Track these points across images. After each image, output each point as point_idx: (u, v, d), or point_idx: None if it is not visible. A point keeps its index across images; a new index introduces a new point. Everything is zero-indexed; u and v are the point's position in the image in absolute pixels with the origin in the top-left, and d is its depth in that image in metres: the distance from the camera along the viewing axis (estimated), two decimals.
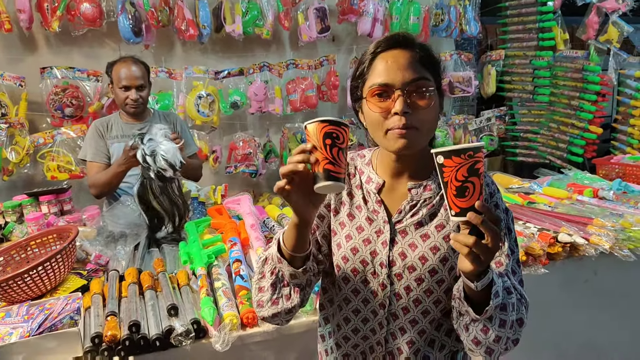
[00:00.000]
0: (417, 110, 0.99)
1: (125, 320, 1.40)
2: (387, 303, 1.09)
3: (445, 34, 4.17)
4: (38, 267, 1.51)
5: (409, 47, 1.03)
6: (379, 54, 1.03)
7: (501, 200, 1.09)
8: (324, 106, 3.92)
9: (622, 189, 2.62)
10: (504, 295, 0.96)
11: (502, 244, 1.06)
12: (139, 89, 2.41)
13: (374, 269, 1.10)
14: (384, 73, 1.01)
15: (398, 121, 0.98)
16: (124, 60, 2.45)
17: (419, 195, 1.08)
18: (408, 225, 1.08)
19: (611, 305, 2.03)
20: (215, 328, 1.41)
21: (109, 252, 1.89)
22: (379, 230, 1.09)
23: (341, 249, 1.13)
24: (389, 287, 1.09)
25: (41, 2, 3.04)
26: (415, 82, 0.99)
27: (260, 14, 3.52)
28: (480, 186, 0.86)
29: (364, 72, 1.05)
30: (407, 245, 1.07)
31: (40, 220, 2.11)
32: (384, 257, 1.08)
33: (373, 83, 1.01)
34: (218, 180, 3.66)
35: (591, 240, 1.93)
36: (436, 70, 1.05)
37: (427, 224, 1.07)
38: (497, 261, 1.06)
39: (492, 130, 4.48)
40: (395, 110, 0.98)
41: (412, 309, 1.09)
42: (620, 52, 3.99)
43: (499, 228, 0.87)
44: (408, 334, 1.10)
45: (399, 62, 1.00)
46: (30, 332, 1.32)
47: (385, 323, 1.11)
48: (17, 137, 3.10)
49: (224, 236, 1.93)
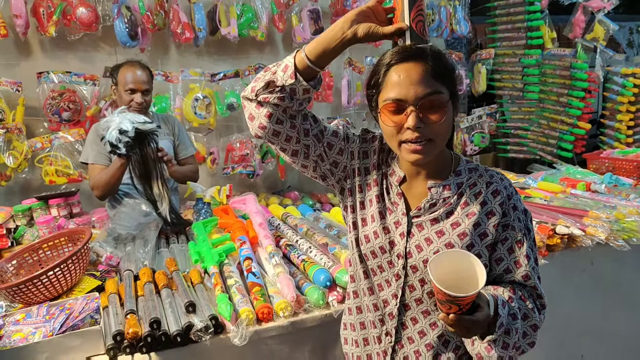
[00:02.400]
0: (430, 124, 1.03)
1: (145, 317, 1.43)
2: (400, 293, 1.14)
3: (436, 34, 4.24)
4: (56, 269, 1.54)
5: (422, 59, 1.04)
6: (393, 66, 1.05)
7: (520, 202, 1.14)
8: (318, 106, 3.97)
9: (613, 182, 2.70)
10: (508, 321, 1.02)
11: (520, 246, 1.11)
12: (145, 93, 2.45)
13: (390, 258, 1.14)
14: (396, 88, 1.03)
15: (411, 135, 1.03)
16: (131, 64, 2.48)
17: (439, 194, 1.13)
18: (425, 221, 1.13)
19: (608, 294, 2.11)
20: (233, 323, 1.45)
21: (119, 253, 1.91)
22: (397, 221, 1.14)
23: (365, 227, 1.17)
24: (403, 279, 1.13)
25: (37, 7, 3.05)
26: (427, 97, 1.02)
27: (255, 16, 3.55)
28: (459, 308, 0.92)
29: (378, 83, 1.08)
30: (423, 239, 1.12)
31: (51, 223, 2.12)
32: (402, 248, 1.12)
33: (387, 97, 1.05)
34: (216, 182, 3.68)
35: (587, 231, 2.00)
36: (450, 78, 1.08)
37: (442, 221, 1.12)
38: (517, 261, 1.11)
39: (484, 127, 4.56)
40: (408, 125, 1.02)
41: (426, 301, 1.13)
42: (607, 49, 4.10)
43: (476, 328, 0.95)
44: (420, 324, 1.15)
45: (411, 77, 1.03)
46: (53, 331, 1.34)
47: (397, 313, 1.15)
48: (15, 142, 3.10)
49: (232, 235, 1.96)
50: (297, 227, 2.12)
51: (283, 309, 1.53)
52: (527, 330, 1.08)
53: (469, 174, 1.15)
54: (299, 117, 1.14)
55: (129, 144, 2.11)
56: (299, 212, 2.46)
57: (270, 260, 1.79)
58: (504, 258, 1.12)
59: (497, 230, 1.11)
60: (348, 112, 3.99)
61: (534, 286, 1.11)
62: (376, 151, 1.21)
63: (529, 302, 1.10)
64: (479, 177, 1.14)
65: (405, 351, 1.17)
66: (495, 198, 1.11)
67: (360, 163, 1.21)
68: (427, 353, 1.15)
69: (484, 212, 1.10)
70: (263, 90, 1.08)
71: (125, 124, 2.09)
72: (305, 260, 1.80)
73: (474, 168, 1.17)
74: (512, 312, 1.04)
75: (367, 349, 1.24)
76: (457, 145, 4.43)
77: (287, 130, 1.12)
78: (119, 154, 2.14)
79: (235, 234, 1.96)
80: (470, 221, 1.10)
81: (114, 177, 2.26)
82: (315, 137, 1.17)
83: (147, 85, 2.46)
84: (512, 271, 1.12)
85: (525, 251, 1.11)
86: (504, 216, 1.11)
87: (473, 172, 1.16)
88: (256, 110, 1.11)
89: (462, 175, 1.14)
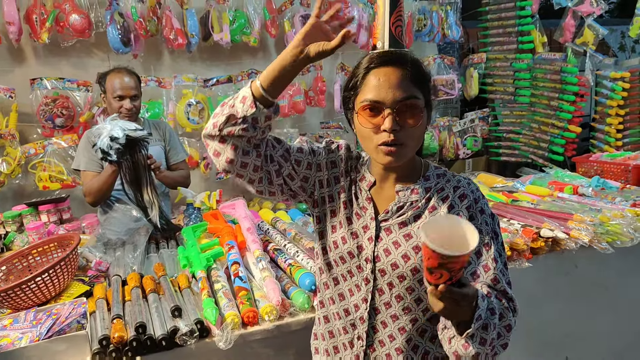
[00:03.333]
0: (406, 128, 1.06)
1: (131, 322, 1.45)
2: (370, 298, 1.16)
3: (428, 38, 4.28)
4: (43, 275, 1.56)
5: (402, 65, 1.07)
6: (372, 70, 1.08)
7: (487, 206, 1.16)
8: (311, 111, 4.00)
9: (600, 185, 2.73)
10: (486, 315, 0.99)
11: (488, 249, 1.11)
12: (133, 99, 2.47)
13: (359, 263, 1.16)
14: (375, 90, 1.06)
15: (387, 137, 1.05)
16: (117, 70, 2.50)
17: (406, 197, 1.15)
18: (393, 224, 1.15)
19: (592, 296, 2.14)
20: (218, 327, 1.47)
21: (109, 258, 1.93)
22: (365, 226, 1.17)
23: (334, 234, 1.20)
24: (372, 283, 1.15)
25: (30, 14, 3.08)
26: (405, 100, 1.05)
27: (247, 22, 3.58)
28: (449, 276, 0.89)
29: (356, 85, 1.11)
30: (391, 242, 1.14)
31: (41, 229, 2.15)
32: (370, 252, 1.15)
33: (365, 99, 1.07)
34: (209, 186, 3.71)
35: (571, 234, 2.02)
36: (427, 86, 1.10)
37: (410, 224, 1.14)
38: (484, 265, 1.10)
39: (476, 131, 4.59)
40: (385, 127, 1.04)
41: (394, 305, 1.15)
42: (596, 53, 4.14)
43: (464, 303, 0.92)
44: (389, 327, 1.16)
45: (390, 80, 1.05)
46: (40, 336, 1.36)
47: (367, 317, 1.17)
48: (8, 148, 3.12)
49: (221, 240, 1.99)
50: (286, 232, 2.15)
51: (268, 312, 1.55)
52: (502, 330, 1.06)
53: (437, 179, 1.18)
54: (263, 144, 1.14)
55: (120, 151, 2.13)
56: (289, 216, 2.49)
57: (257, 265, 1.82)
58: (472, 261, 1.11)
59: None
60: (341, 117, 4.02)
61: (503, 290, 1.10)
62: (343, 159, 1.23)
63: (504, 301, 1.09)
64: (446, 182, 1.17)
65: (377, 354, 1.19)
66: (462, 202, 1.14)
67: (328, 173, 1.22)
68: (397, 357, 1.16)
69: None
70: (225, 124, 1.07)
71: (117, 131, 2.12)
72: (291, 264, 1.82)
73: (442, 174, 1.19)
74: (490, 306, 1.01)
75: (337, 356, 1.26)
76: (450, 149, 4.47)
77: (254, 160, 1.12)
78: (110, 160, 2.16)
79: (224, 239, 1.98)
80: None
81: (106, 184, 2.28)
82: (281, 157, 1.17)
83: (135, 91, 2.48)
84: (480, 275, 1.10)
85: (492, 254, 1.11)
86: (471, 219, 1.12)
87: (441, 177, 1.18)
88: (220, 146, 1.10)
89: (431, 180, 1.17)
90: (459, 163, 4.66)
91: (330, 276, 1.23)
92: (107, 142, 2.12)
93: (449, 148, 4.47)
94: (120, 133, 2.12)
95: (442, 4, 4.29)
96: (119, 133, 2.12)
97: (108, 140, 2.12)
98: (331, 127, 4.02)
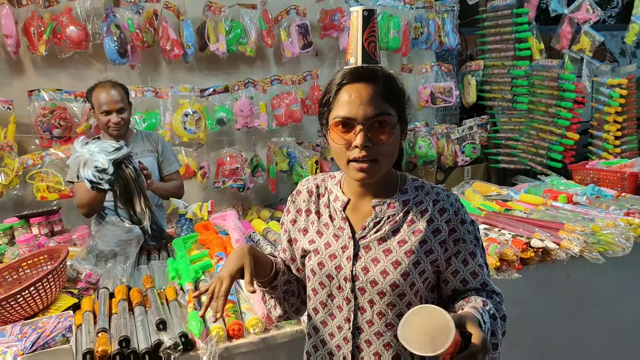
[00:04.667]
0: (378, 144, 1.06)
1: (116, 335, 1.46)
2: (352, 317, 1.15)
3: (425, 46, 4.29)
4: (30, 288, 1.57)
5: (373, 81, 1.08)
6: (344, 86, 1.09)
7: (466, 215, 1.18)
8: (308, 120, 4.01)
9: (596, 193, 2.72)
10: (491, 323, 1.06)
11: (474, 257, 1.16)
12: (120, 112, 2.46)
13: (338, 283, 1.16)
14: (347, 106, 1.06)
15: (358, 153, 1.06)
16: (102, 85, 2.50)
17: (383, 212, 1.15)
18: (372, 241, 1.15)
19: (585, 306, 2.12)
20: (203, 340, 1.48)
21: (99, 270, 1.94)
22: (344, 246, 1.16)
23: (310, 262, 1.20)
24: (353, 302, 1.15)
25: (28, 26, 3.12)
26: (376, 117, 1.05)
27: (244, 32, 3.61)
28: (450, 356, 0.91)
29: (329, 102, 1.11)
30: (369, 260, 1.14)
31: (31, 241, 2.16)
32: (348, 271, 1.14)
33: (337, 115, 1.08)
34: (207, 196, 3.73)
35: (562, 244, 2.01)
36: (400, 101, 1.11)
37: (389, 239, 1.14)
38: (472, 272, 1.16)
39: (475, 138, 4.59)
40: (356, 144, 1.05)
41: (377, 322, 1.15)
42: (593, 60, 4.13)
43: (481, 357, 0.93)
44: (374, 345, 1.16)
45: (361, 97, 1.06)
46: (24, 350, 1.37)
47: (351, 337, 1.16)
48: (6, 159, 3.15)
49: (210, 251, 1.99)
50: (276, 242, 2.15)
51: (254, 325, 1.55)
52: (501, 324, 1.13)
53: (416, 191, 1.18)
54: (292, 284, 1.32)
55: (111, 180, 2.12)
56: None
57: None
58: (460, 270, 1.16)
59: (445, 245, 1.14)
60: None
61: (491, 290, 1.17)
62: (305, 195, 1.26)
63: (495, 297, 1.17)
64: (425, 195, 1.17)
65: None
66: (441, 216, 1.14)
67: (301, 229, 1.26)
68: None
69: (430, 230, 1.13)
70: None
71: (100, 161, 2.08)
72: None
73: (420, 186, 1.19)
74: (491, 312, 1.07)
75: None
76: (448, 156, 4.46)
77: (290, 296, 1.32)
78: (103, 189, 2.14)
79: (214, 250, 1.99)
80: (417, 238, 1.12)
81: (96, 199, 2.28)
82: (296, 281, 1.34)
83: (120, 104, 2.47)
84: (469, 282, 1.16)
85: (478, 261, 1.16)
86: (452, 232, 1.14)
87: (419, 189, 1.18)
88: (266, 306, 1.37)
89: (409, 194, 1.17)
90: (458, 170, 4.65)
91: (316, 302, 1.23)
92: (94, 173, 2.09)
93: (447, 155, 4.47)
94: (105, 162, 2.08)
95: (439, 12, 4.30)
96: (104, 162, 2.08)
97: (94, 171, 2.09)
98: None
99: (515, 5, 4.23)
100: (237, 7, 3.60)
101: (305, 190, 1.27)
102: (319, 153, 4.00)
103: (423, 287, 1.14)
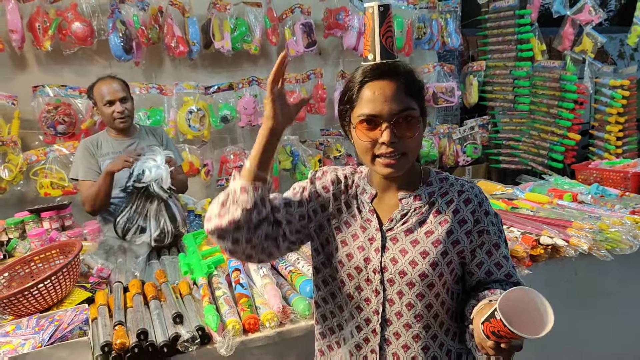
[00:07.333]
0: (404, 139, 1.07)
1: (133, 329, 1.46)
2: (381, 309, 1.16)
3: (427, 46, 4.31)
4: (46, 281, 1.57)
5: (395, 77, 1.08)
6: (367, 83, 1.09)
7: (490, 206, 1.19)
8: (312, 118, 4.02)
9: (600, 192, 2.74)
10: None
11: (498, 248, 1.18)
12: (123, 101, 2.47)
13: (367, 275, 1.16)
14: (371, 104, 1.07)
15: (385, 149, 1.07)
16: (102, 79, 2.51)
17: (409, 204, 1.16)
18: (398, 233, 1.16)
19: (592, 303, 2.14)
20: (219, 334, 1.48)
21: (110, 265, 1.94)
22: (371, 237, 1.17)
23: (338, 253, 1.20)
24: (382, 294, 1.15)
25: (33, 22, 3.10)
26: (401, 113, 1.06)
27: (248, 30, 3.61)
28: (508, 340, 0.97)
29: (352, 99, 1.11)
30: (397, 251, 1.14)
31: (43, 235, 2.16)
32: (377, 263, 1.15)
33: (361, 113, 1.08)
34: (210, 193, 3.72)
35: (571, 242, 2.03)
36: (420, 95, 1.12)
37: (416, 230, 1.15)
38: (496, 263, 1.17)
39: (476, 138, 4.61)
40: (383, 140, 1.06)
41: (406, 314, 1.15)
42: (595, 61, 4.16)
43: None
44: (403, 338, 1.16)
45: (385, 94, 1.06)
46: (42, 342, 1.37)
47: (379, 329, 1.17)
48: (10, 155, 3.14)
49: None
50: None
51: (269, 319, 1.56)
52: None
53: (440, 183, 1.19)
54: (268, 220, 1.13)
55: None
56: None
57: (258, 272, 1.83)
58: (485, 262, 1.17)
59: (471, 237, 1.15)
60: (339, 124, 4.04)
61: (516, 281, 1.18)
62: (334, 181, 1.23)
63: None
64: (450, 186, 1.18)
65: None
66: (467, 206, 1.16)
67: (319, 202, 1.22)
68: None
69: (457, 220, 1.14)
70: (236, 230, 1.07)
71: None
72: (292, 271, 1.83)
73: (445, 178, 1.21)
74: None
75: None
76: (450, 156, 4.48)
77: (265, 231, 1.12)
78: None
79: None
80: (444, 229, 1.14)
81: (102, 191, 2.28)
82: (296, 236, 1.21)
83: (123, 93, 2.48)
84: (494, 273, 1.17)
85: (503, 252, 1.18)
86: (477, 223, 1.15)
87: (444, 181, 1.20)
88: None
89: (434, 185, 1.19)
90: (459, 170, 4.67)
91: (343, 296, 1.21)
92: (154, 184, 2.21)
93: (448, 155, 4.49)
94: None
95: (441, 12, 4.32)
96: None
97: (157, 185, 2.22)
98: (332, 134, 4.04)
99: (517, 7, 4.25)
100: (242, 5, 3.60)
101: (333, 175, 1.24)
102: (322, 151, 4.00)
103: (450, 278, 1.15)
